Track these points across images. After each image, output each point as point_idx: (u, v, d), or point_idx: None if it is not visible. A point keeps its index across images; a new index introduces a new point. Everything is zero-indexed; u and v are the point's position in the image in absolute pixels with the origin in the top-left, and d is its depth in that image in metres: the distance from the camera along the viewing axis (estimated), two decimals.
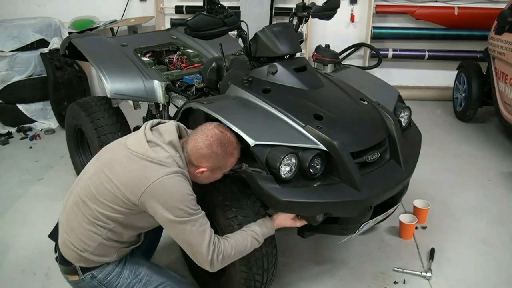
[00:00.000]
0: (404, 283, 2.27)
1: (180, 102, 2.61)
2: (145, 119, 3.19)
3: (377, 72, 4.97)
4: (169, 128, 1.70)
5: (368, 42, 5.05)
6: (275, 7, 4.92)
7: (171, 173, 1.54)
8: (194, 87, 2.58)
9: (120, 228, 1.65)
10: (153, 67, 2.76)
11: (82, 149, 3.17)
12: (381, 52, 4.97)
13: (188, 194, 1.56)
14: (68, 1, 5.18)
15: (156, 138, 1.62)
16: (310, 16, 2.37)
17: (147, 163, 1.55)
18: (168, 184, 1.52)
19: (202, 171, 1.67)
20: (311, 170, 1.74)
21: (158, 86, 2.61)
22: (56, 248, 1.79)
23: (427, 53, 5.08)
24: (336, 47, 5.03)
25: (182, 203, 1.53)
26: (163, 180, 1.52)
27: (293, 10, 2.41)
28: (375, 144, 1.93)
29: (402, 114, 2.18)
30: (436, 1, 5.04)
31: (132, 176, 1.54)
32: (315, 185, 1.76)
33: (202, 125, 1.70)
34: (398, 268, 2.34)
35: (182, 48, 3.13)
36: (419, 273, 2.31)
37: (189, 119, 2.27)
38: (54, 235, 1.80)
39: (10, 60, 4.15)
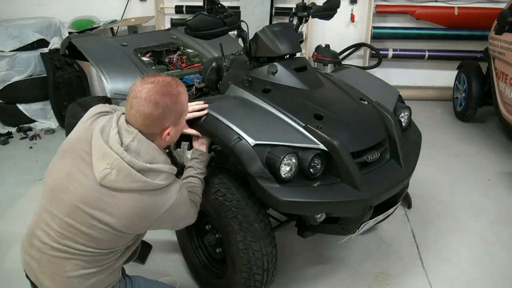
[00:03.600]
0: (404, 283, 2.27)
1: None
2: None
3: (377, 72, 4.97)
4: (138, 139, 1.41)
5: (368, 42, 5.05)
6: (275, 7, 4.92)
7: (176, 195, 1.45)
8: (194, 87, 2.59)
9: (116, 258, 1.53)
10: (153, 67, 2.76)
11: None
12: (381, 52, 4.98)
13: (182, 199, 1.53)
14: (68, 1, 5.18)
15: (147, 163, 1.38)
16: (310, 16, 2.37)
17: (151, 194, 1.39)
18: (172, 198, 1.45)
19: (168, 132, 1.47)
20: (311, 170, 1.74)
21: None
22: None
23: (427, 53, 5.08)
24: (336, 47, 5.03)
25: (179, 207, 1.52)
26: (171, 206, 1.44)
27: (293, 10, 2.41)
28: (375, 144, 1.93)
29: (402, 114, 2.18)
30: (436, 1, 5.04)
31: (135, 210, 1.37)
32: (315, 185, 1.76)
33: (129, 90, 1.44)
34: None
35: (182, 48, 3.13)
36: None
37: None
38: None
39: (10, 60, 4.15)
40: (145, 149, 1.40)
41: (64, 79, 4.37)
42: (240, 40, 2.17)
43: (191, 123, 1.89)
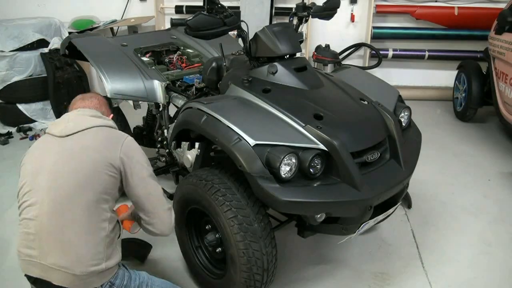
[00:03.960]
0: (404, 283, 2.27)
1: (180, 102, 2.61)
2: (145, 119, 3.19)
3: (377, 72, 4.98)
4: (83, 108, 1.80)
5: (368, 42, 5.05)
6: (275, 7, 4.93)
7: (129, 136, 1.72)
8: (194, 87, 2.59)
9: (112, 213, 1.62)
10: (153, 67, 2.76)
11: None
12: (381, 52, 4.98)
13: None
14: (68, 1, 5.18)
15: (92, 111, 1.74)
16: (310, 16, 2.37)
17: (110, 128, 1.70)
18: (135, 143, 1.72)
19: (111, 117, 1.87)
20: (311, 170, 1.74)
21: (158, 86, 2.61)
22: None
23: (427, 53, 5.08)
24: (336, 47, 5.03)
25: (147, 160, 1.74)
26: (130, 138, 1.70)
27: (293, 10, 2.41)
28: (375, 144, 1.93)
29: (402, 114, 2.18)
30: (436, 1, 5.05)
31: (106, 140, 1.64)
32: (315, 185, 1.76)
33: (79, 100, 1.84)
34: None
35: (182, 48, 3.13)
36: None
37: None
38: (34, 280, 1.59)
39: (10, 60, 4.16)
40: (89, 110, 1.75)
41: (64, 79, 4.37)
42: (240, 40, 2.17)
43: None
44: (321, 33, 5.20)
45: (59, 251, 1.50)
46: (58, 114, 4.37)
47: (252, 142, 1.70)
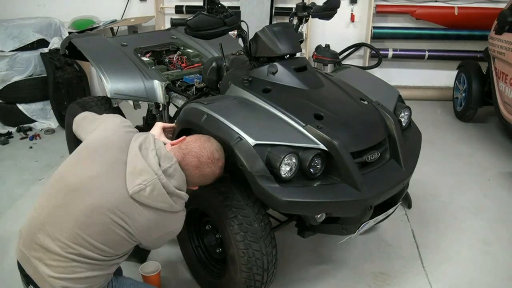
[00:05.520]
0: (404, 283, 2.26)
1: (180, 102, 2.61)
2: (145, 119, 3.19)
3: (377, 72, 4.97)
4: (168, 156, 1.56)
5: (368, 42, 5.05)
6: (275, 7, 4.92)
7: (181, 222, 1.65)
8: (194, 87, 2.59)
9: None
10: (153, 67, 2.76)
11: None
12: (381, 52, 4.97)
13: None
14: (68, 1, 5.18)
15: (176, 189, 1.53)
16: (310, 16, 2.37)
17: (168, 215, 1.56)
18: (179, 223, 1.65)
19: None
20: (311, 170, 1.74)
21: (158, 86, 2.61)
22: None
23: (427, 53, 5.08)
24: (336, 47, 5.03)
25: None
26: (175, 230, 1.65)
27: (293, 10, 2.41)
28: (375, 144, 1.93)
29: (402, 114, 2.18)
30: (436, 1, 5.05)
31: (151, 225, 1.52)
32: (315, 185, 1.76)
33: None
34: None
35: (182, 48, 3.13)
36: None
37: None
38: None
39: (10, 60, 4.15)
40: (177, 177, 1.55)
41: (64, 79, 4.37)
42: (240, 40, 2.17)
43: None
44: (321, 33, 5.20)
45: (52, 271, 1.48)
46: (58, 114, 4.37)
47: (252, 141, 1.70)
